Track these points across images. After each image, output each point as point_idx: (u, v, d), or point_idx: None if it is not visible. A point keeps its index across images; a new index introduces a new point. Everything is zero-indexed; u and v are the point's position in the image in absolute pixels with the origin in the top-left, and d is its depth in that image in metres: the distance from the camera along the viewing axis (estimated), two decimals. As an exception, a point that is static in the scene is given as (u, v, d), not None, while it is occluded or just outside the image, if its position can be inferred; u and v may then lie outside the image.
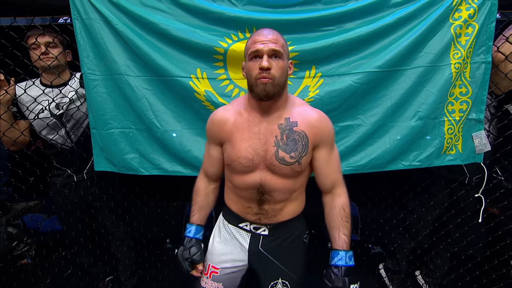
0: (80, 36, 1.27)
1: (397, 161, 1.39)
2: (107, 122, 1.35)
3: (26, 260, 2.24)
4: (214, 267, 1.12)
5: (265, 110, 0.98)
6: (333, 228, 1.02)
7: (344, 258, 0.97)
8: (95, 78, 1.31)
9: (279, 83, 0.91)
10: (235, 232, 1.12)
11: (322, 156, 1.01)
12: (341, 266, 0.96)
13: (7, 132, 1.42)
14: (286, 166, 0.97)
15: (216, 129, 1.04)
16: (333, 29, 1.29)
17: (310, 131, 0.97)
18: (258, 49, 0.90)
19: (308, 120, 0.98)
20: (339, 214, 1.02)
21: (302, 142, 0.97)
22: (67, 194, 1.62)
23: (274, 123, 0.97)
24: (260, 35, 0.92)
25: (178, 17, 1.29)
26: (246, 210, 1.06)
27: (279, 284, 1.08)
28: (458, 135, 1.38)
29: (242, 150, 0.98)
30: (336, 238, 1.00)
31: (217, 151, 1.09)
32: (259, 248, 1.09)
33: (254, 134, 0.98)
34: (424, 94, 1.32)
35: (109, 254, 1.89)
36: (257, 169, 0.99)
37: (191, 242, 1.10)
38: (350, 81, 1.29)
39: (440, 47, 1.28)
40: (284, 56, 0.93)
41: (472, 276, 1.70)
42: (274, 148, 0.96)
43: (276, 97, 0.94)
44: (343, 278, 0.94)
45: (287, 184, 1.00)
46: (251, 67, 0.92)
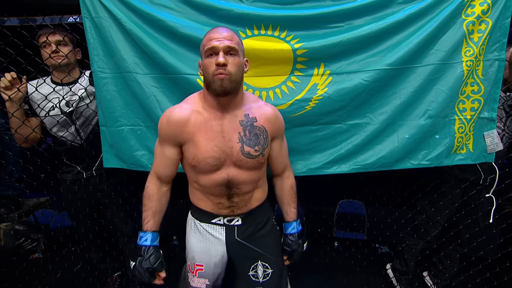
0: (90, 34, 1.28)
1: (406, 160, 1.36)
2: (117, 120, 1.36)
3: (37, 255, 2.28)
4: (198, 265, 1.17)
5: (224, 107, 1.01)
6: (284, 204, 1.23)
7: (296, 226, 1.21)
8: (105, 76, 1.32)
9: (235, 79, 0.95)
10: (208, 229, 1.15)
11: (277, 146, 1.14)
12: (295, 233, 1.20)
13: (19, 129, 1.44)
14: (252, 160, 1.03)
15: (175, 130, 1.02)
16: (342, 25, 1.28)
17: (268, 126, 1.06)
18: (214, 46, 0.93)
19: (265, 115, 1.06)
20: (289, 193, 1.22)
21: (263, 136, 1.05)
22: (77, 190, 1.64)
23: (235, 120, 1.02)
24: (215, 32, 0.96)
25: (186, 14, 1.29)
26: (217, 206, 1.11)
27: (259, 265, 1.16)
28: (469, 134, 1.35)
29: (209, 150, 0.99)
30: (288, 212, 1.22)
31: (174, 152, 1.06)
32: (236, 238, 1.15)
33: (217, 133, 1.01)
34: (434, 92, 1.29)
35: (117, 250, 1.91)
36: (223, 166, 1.03)
37: (150, 251, 1.06)
38: (359, 79, 1.27)
39: (452, 44, 1.25)
40: (240, 53, 0.97)
41: (483, 278, 1.67)
42: (239, 144, 1.02)
43: (233, 93, 0.98)
44: (298, 241, 1.19)
45: (252, 175, 1.08)
46: (207, 63, 0.94)
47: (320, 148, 1.38)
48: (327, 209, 2.70)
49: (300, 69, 1.31)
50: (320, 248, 2.30)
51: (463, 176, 1.59)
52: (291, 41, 1.27)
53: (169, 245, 2.53)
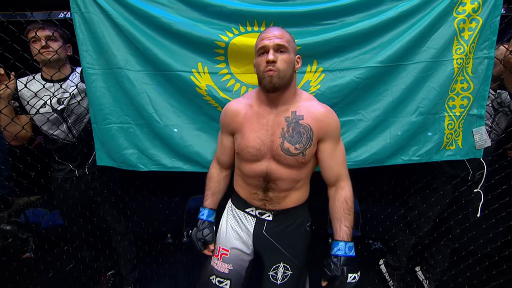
0: (80, 30, 1.26)
1: (397, 156, 1.38)
2: (106, 117, 1.34)
3: (28, 254, 2.26)
4: (224, 249, 1.21)
5: (273, 102, 1.05)
6: (335, 219, 1.07)
7: (344, 248, 1.01)
8: (94, 72, 1.30)
9: (284, 76, 0.98)
10: (241, 217, 1.20)
11: (326, 149, 1.07)
12: (340, 256, 1.01)
13: (8, 126, 1.42)
14: (290, 157, 1.03)
15: (228, 120, 1.13)
16: (335, 22, 1.28)
17: (315, 125, 1.03)
18: (265, 45, 0.98)
19: (314, 114, 1.04)
20: (341, 206, 1.06)
21: (307, 134, 1.03)
22: (68, 189, 1.62)
23: (281, 116, 1.04)
24: (266, 32, 1.01)
25: (179, 10, 1.28)
26: (253, 196, 1.14)
27: (281, 267, 1.15)
28: (458, 131, 1.37)
29: (251, 140, 1.05)
30: (337, 229, 1.05)
31: (229, 140, 1.17)
32: (263, 232, 1.16)
33: (262, 126, 1.05)
34: (425, 89, 1.31)
35: (110, 249, 1.90)
36: (263, 158, 1.06)
37: (204, 224, 1.20)
38: (352, 76, 1.28)
39: (443, 41, 1.26)
40: (290, 50, 1.00)
41: (473, 272, 1.70)
42: (280, 139, 1.03)
43: (282, 89, 1.01)
44: (342, 267, 0.99)
45: (291, 174, 1.06)
46: (259, 62, 1.00)
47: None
48: (321, 206, 2.71)
49: (300, 66, 1.31)
50: (314, 245, 2.32)
51: (454, 173, 1.62)
52: (284, 38, 1.27)
53: (163, 244, 2.53)
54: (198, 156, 1.38)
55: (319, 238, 2.48)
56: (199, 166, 1.40)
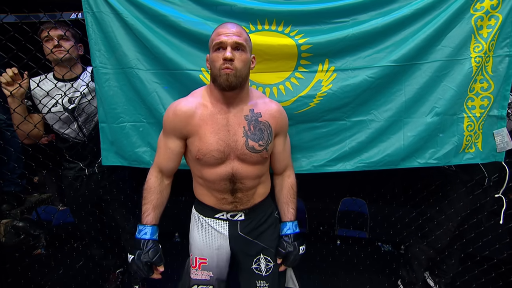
0: (92, 29, 1.26)
1: (412, 159, 1.34)
2: (119, 116, 1.35)
3: (40, 251, 2.30)
4: (202, 258, 1.17)
5: (229, 101, 1.02)
6: (283, 203, 1.19)
7: (292, 227, 1.17)
8: (107, 71, 1.30)
9: (241, 75, 0.96)
10: (211, 223, 1.16)
11: (280, 143, 1.14)
12: (290, 234, 1.15)
13: (21, 125, 1.44)
14: (256, 154, 1.04)
15: (181, 123, 1.02)
16: (347, 21, 1.25)
17: (272, 121, 1.07)
18: (222, 41, 0.95)
19: (270, 111, 1.08)
20: (288, 192, 1.19)
21: (267, 131, 1.06)
22: (79, 187, 1.64)
23: (240, 115, 1.04)
24: (224, 27, 0.98)
25: (189, 9, 1.27)
26: (221, 201, 1.11)
27: (262, 258, 1.17)
28: (478, 133, 1.32)
29: (214, 143, 1.01)
30: (285, 212, 1.18)
31: (178, 145, 1.07)
32: (239, 232, 1.15)
33: (222, 126, 1.02)
34: (441, 89, 1.27)
35: (119, 247, 1.91)
36: (227, 160, 1.04)
37: (149, 245, 1.04)
38: (364, 75, 1.25)
39: (459, 40, 1.22)
40: (247, 50, 0.99)
41: (488, 278, 1.65)
42: (243, 138, 1.03)
43: (238, 88, 0.99)
44: (293, 243, 1.14)
45: (256, 170, 1.08)
46: (215, 58, 0.96)
47: (324, 145, 1.36)
48: (330, 206, 2.68)
49: (304, 65, 1.29)
50: (322, 246, 2.29)
51: (470, 178, 1.54)
52: (295, 37, 1.25)
53: (171, 242, 2.53)
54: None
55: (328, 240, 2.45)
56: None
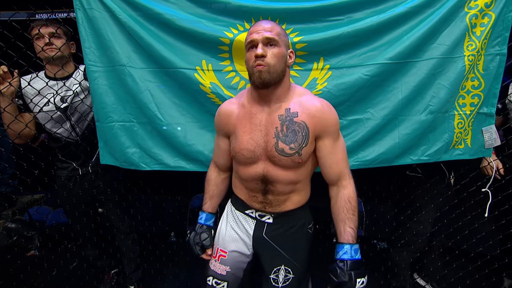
0: (82, 26, 1.24)
1: (406, 156, 1.35)
2: (108, 115, 1.33)
3: (33, 252, 2.27)
4: (223, 251, 1.17)
5: (265, 100, 0.99)
6: (338, 221, 1.01)
7: (350, 251, 0.95)
8: (97, 69, 1.28)
9: (275, 70, 0.92)
10: (241, 218, 1.16)
11: (325, 146, 1.00)
12: (346, 260, 0.94)
13: (11, 124, 1.41)
14: (286, 158, 0.97)
15: (222, 122, 1.09)
16: (342, 19, 1.25)
17: (311, 121, 0.97)
18: (253, 39, 0.93)
19: (309, 110, 0.97)
20: (344, 207, 1.00)
21: (302, 133, 0.96)
22: (72, 187, 1.61)
23: (275, 114, 0.98)
24: (255, 25, 0.96)
25: (183, 7, 1.26)
26: (252, 198, 1.11)
27: (282, 270, 1.10)
28: (468, 129, 1.34)
29: (244, 142, 1.01)
30: (341, 231, 0.99)
31: (225, 142, 1.13)
32: (263, 235, 1.12)
33: (255, 126, 1.00)
34: (435, 87, 1.27)
35: (114, 248, 1.89)
36: (259, 160, 1.01)
37: (202, 228, 1.19)
38: (360, 73, 1.24)
39: (454, 38, 1.23)
40: (281, 44, 0.94)
41: (481, 274, 1.67)
42: (274, 139, 0.97)
43: (273, 85, 0.95)
44: (349, 272, 0.92)
45: (289, 175, 1.01)
46: (248, 57, 0.95)
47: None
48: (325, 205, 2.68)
49: (299, 63, 1.28)
50: (318, 245, 2.29)
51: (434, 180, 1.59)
52: (290, 35, 1.24)
53: (167, 242, 2.52)
54: (201, 155, 1.36)
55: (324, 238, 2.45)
56: (202, 165, 1.38)
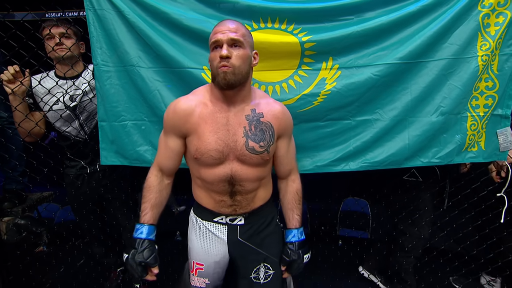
0: (93, 27, 1.25)
1: (416, 158, 1.33)
2: (120, 114, 1.34)
3: (42, 248, 2.30)
4: (199, 264, 1.15)
5: (230, 100, 0.99)
6: (288, 210, 1.15)
7: (297, 234, 1.13)
8: (109, 69, 1.29)
9: (240, 72, 0.93)
10: (210, 227, 1.13)
11: (283, 146, 1.09)
12: (295, 242, 1.12)
13: (22, 123, 1.43)
14: (256, 155, 1.01)
15: (180, 120, 1.01)
16: (351, 18, 1.23)
17: (275, 122, 1.03)
18: (218, 39, 0.93)
19: (272, 112, 1.03)
20: (293, 198, 1.15)
21: (269, 132, 1.02)
22: (80, 185, 1.63)
23: (241, 114, 1.00)
24: (221, 25, 0.96)
25: (191, 7, 1.26)
26: (219, 204, 1.08)
27: (261, 267, 1.13)
28: (482, 132, 1.31)
29: (212, 142, 0.98)
30: (290, 218, 1.14)
31: (177, 143, 1.05)
32: (238, 238, 1.12)
33: (222, 126, 0.99)
34: (447, 88, 1.25)
35: (120, 246, 1.91)
36: (226, 160, 1.01)
37: (144, 244, 1.02)
38: (369, 73, 1.23)
39: (466, 37, 1.20)
40: (246, 45, 0.95)
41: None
42: (243, 138, 0.99)
43: (238, 86, 0.96)
44: (297, 251, 1.11)
45: (256, 172, 1.04)
46: (212, 57, 0.95)
47: (328, 145, 1.34)
48: (331, 207, 2.66)
49: (308, 63, 1.27)
50: (324, 247, 2.27)
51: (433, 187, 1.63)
52: (299, 34, 1.24)
53: (172, 241, 2.53)
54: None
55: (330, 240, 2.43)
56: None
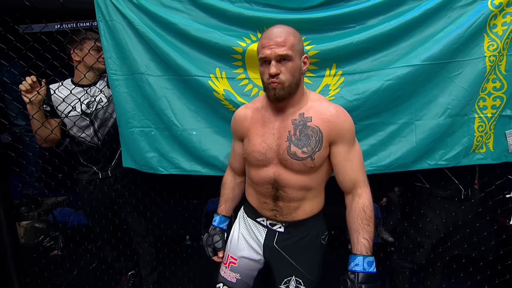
0: (104, 37, 1.31)
1: (423, 160, 1.31)
2: (128, 121, 1.38)
3: (56, 252, 2.37)
4: (233, 258, 1.18)
5: (280, 108, 1.02)
6: (353, 230, 0.97)
7: (362, 263, 0.90)
8: (117, 78, 1.34)
9: (289, 85, 0.93)
10: (252, 226, 1.16)
11: (339, 152, 0.98)
12: (358, 272, 0.90)
13: (39, 130, 1.50)
14: (298, 161, 0.97)
15: (237, 125, 1.12)
16: (354, 26, 1.24)
17: (325, 126, 0.96)
18: (265, 55, 0.92)
19: (323, 115, 0.97)
20: (358, 216, 0.96)
21: (315, 137, 0.96)
22: (92, 190, 1.68)
23: (289, 119, 1.00)
24: (267, 38, 0.92)
25: (197, 17, 1.30)
26: (263, 205, 1.10)
27: (293, 280, 1.08)
28: (490, 133, 1.29)
29: (256, 144, 1.02)
30: (355, 242, 0.95)
31: (239, 146, 1.16)
32: (274, 244, 1.11)
33: (268, 129, 1.02)
34: (454, 90, 1.23)
35: (131, 250, 1.95)
36: (271, 163, 1.02)
37: (215, 231, 1.20)
38: (373, 78, 1.23)
39: (473, 38, 1.19)
40: (294, 57, 0.92)
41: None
42: (286, 143, 0.98)
43: (287, 98, 0.97)
44: (359, 284, 0.88)
45: (300, 180, 0.99)
46: (262, 71, 0.96)
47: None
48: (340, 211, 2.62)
49: (312, 70, 1.29)
50: (333, 251, 2.25)
51: (446, 195, 1.51)
52: (303, 43, 1.25)
53: (182, 246, 2.56)
54: (215, 160, 1.38)
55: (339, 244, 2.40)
56: (216, 169, 1.40)
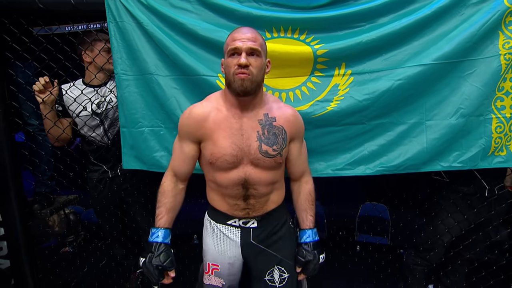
0: (114, 38, 1.32)
1: (435, 162, 1.28)
2: (138, 121, 1.39)
3: (67, 248, 2.43)
4: (214, 264, 1.17)
5: (243, 106, 1.03)
6: (301, 211, 1.17)
7: (311, 235, 1.14)
8: (127, 78, 1.36)
9: (256, 80, 0.96)
10: (224, 230, 1.15)
11: (296, 149, 1.12)
12: (310, 242, 1.13)
13: (51, 130, 1.53)
14: (269, 159, 1.03)
15: (194, 126, 1.04)
16: (364, 25, 1.23)
17: (287, 126, 1.06)
18: (237, 46, 0.95)
19: (285, 115, 1.06)
20: (307, 199, 1.17)
21: (281, 136, 1.05)
22: (102, 189, 1.71)
23: (254, 119, 1.03)
24: (239, 32, 0.98)
25: (205, 17, 1.30)
26: (233, 207, 1.10)
27: (276, 270, 1.14)
28: (510, 134, 1.25)
29: (227, 147, 1.01)
30: (304, 219, 1.16)
31: (192, 148, 1.08)
32: (251, 240, 1.13)
33: (236, 131, 1.02)
34: (467, 89, 1.21)
35: (140, 248, 1.96)
36: (240, 164, 1.04)
37: (160, 248, 1.04)
38: (383, 78, 1.21)
39: (486, 37, 1.16)
40: (262, 55, 0.98)
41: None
42: (257, 142, 1.02)
43: (252, 94, 0.99)
44: (313, 251, 1.12)
45: (269, 176, 1.07)
46: (229, 63, 0.97)
47: (342, 148, 1.33)
48: (349, 211, 2.61)
49: (321, 70, 1.28)
50: (341, 253, 2.23)
51: (467, 191, 1.46)
52: (311, 43, 1.25)
53: (190, 245, 2.57)
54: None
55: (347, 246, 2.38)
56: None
